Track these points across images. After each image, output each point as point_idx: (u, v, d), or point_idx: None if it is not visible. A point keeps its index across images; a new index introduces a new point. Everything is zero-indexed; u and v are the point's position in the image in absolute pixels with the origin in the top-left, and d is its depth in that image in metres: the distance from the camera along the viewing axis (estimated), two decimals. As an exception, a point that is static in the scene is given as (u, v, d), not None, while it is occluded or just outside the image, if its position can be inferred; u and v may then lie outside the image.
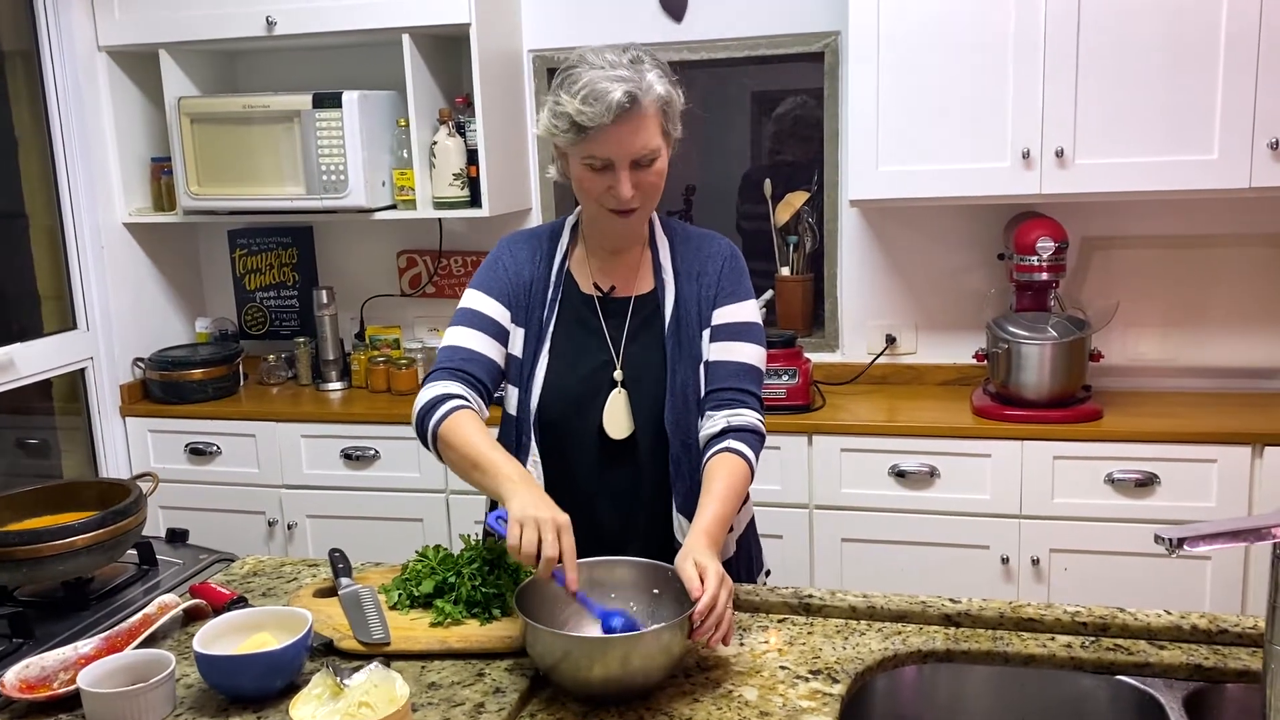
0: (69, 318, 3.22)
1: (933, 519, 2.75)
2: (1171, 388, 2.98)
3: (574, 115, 1.57)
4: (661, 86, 1.61)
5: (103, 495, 1.83)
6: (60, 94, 3.11)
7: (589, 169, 1.63)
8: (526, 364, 1.73)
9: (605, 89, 1.55)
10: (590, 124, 1.56)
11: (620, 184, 1.61)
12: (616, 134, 1.58)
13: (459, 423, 1.61)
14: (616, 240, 1.75)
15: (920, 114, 2.74)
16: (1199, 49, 2.56)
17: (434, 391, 1.66)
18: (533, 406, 1.71)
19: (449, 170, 3.08)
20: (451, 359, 1.71)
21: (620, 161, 1.60)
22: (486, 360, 1.71)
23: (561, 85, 1.61)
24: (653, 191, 1.66)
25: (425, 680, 1.45)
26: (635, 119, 1.58)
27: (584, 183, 1.66)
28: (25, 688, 1.42)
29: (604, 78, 1.56)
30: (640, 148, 1.60)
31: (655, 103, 1.60)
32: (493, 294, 1.75)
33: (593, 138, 1.58)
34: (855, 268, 3.18)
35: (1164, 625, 1.54)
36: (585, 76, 1.57)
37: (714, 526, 1.55)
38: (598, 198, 1.65)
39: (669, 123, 1.64)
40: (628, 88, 1.56)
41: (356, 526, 3.11)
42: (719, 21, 3.13)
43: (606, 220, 1.69)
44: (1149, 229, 2.96)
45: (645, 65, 1.61)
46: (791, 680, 1.45)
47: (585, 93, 1.56)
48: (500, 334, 1.74)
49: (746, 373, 1.73)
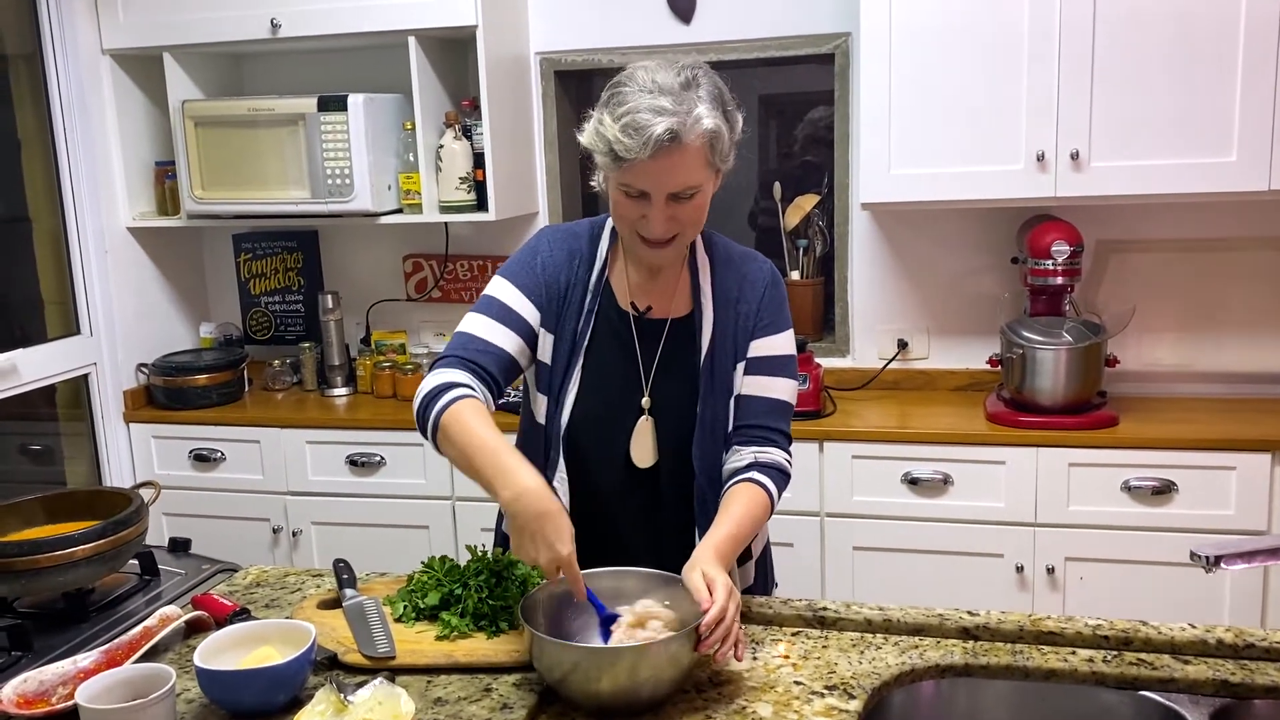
0: (72, 323, 3.19)
1: (946, 527, 2.71)
2: (1188, 393, 2.94)
3: (612, 143, 1.47)
4: (711, 120, 1.48)
5: (104, 504, 1.80)
6: (64, 97, 3.09)
7: (624, 194, 1.54)
8: (558, 376, 1.66)
9: (646, 122, 1.44)
10: (627, 156, 1.46)
11: (653, 218, 1.53)
12: (654, 169, 1.48)
13: (462, 412, 1.50)
14: (653, 263, 1.66)
15: (933, 116, 2.70)
16: (1217, 49, 2.52)
17: (439, 379, 1.56)
18: (563, 422, 1.65)
19: (455, 174, 3.05)
20: (465, 348, 1.61)
21: (656, 195, 1.51)
22: (503, 354, 1.62)
23: (607, 104, 1.51)
24: (690, 225, 1.57)
25: (431, 695, 1.42)
26: (675, 155, 1.47)
27: (619, 207, 1.57)
28: (23, 703, 1.39)
29: (648, 107, 1.45)
30: (678, 184, 1.50)
31: (701, 138, 1.48)
32: (525, 290, 1.66)
33: (629, 169, 1.49)
34: (866, 271, 3.14)
35: (1188, 639, 1.50)
36: (630, 101, 1.47)
37: (725, 544, 1.52)
38: (631, 224, 1.57)
39: (715, 156, 1.52)
40: (670, 123, 1.44)
41: (361, 533, 3.08)
42: (728, 23, 3.10)
43: (639, 247, 1.60)
44: (1165, 232, 2.92)
45: (699, 92, 1.49)
46: (807, 696, 1.41)
47: (626, 121, 1.46)
48: (526, 332, 1.65)
49: (778, 409, 1.68)
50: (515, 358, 1.64)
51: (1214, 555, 0.99)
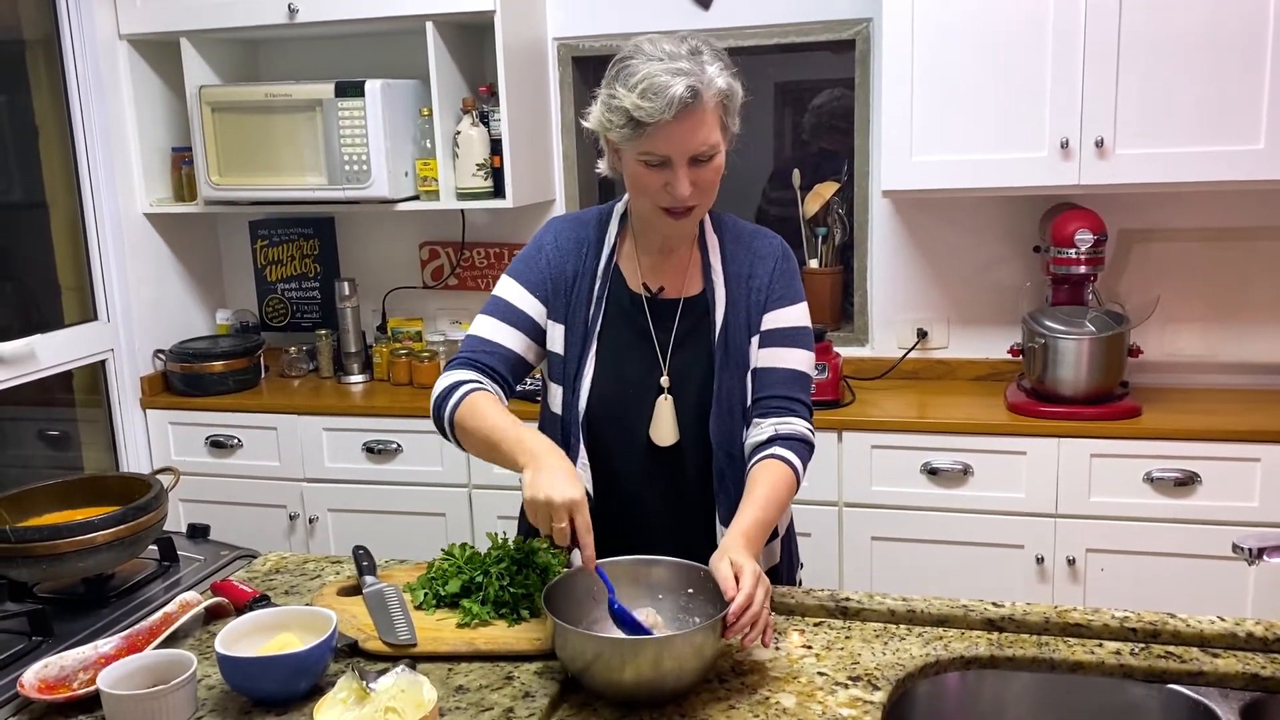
0: (89, 309, 3.19)
1: (966, 517, 2.69)
2: (1212, 384, 2.91)
3: (631, 110, 1.49)
4: (723, 80, 1.53)
5: (124, 490, 1.79)
6: (81, 83, 3.09)
7: (645, 165, 1.56)
8: (572, 364, 1.67)
9: (665, 83, 1.47)
10: (649, 120, 1.48)
11: (678, 181, 1.54)
12: (677, 130, 1.50)
13: (475, 403, 1.57)
14: (668, 239, 1.68)
15: (955, 102, 2.67)
16: (1245, 35, 2.48)
17: (450, 379, 1.63)
18: (580, 409, 1.66)
19: (472, 160, 3.03)
20: (473, 350, 1.67)
21: (679, 158, 1.53)
22: (509, 354, 1.67)
23: (617, 78, 1.53)
24: (709, 189, 1.60)
25: (452, 683, 1.41)
26: (696, 115, 1.50)
27: (639, 179, 1.58)
28: (44, 688, 1.39)
29: (663, 70, 1.48)
30: (700, 144, 1.53)
31: (716, 97, 1.52)
32: (529, 286, 1.69)
33: (651, 134, 1.51)
34: (886, 260, 3.12)
35: (1217, 632, 1.48)
36: (643, 69, 1.49)
37: (753, 530, 1.51)
38: (653, 195, 1.58)
39: (728, 117, 1.57)
40: (689, 82, 1.48)
41: (378, 520, 3.08)
42: (747, 9, 3.07)
43: (659, 220, 1.62)
44: (1190, 221, 2.89)
45: (705, 56, 1.53)
46: (830, 687, 1.40)
47: (644, 86, 1.48)
48: (531, 328, 1.69)
49: (796, 380, 1.68)
50: (522, 355, 1.69)
51: (1257, 548, 0.97)
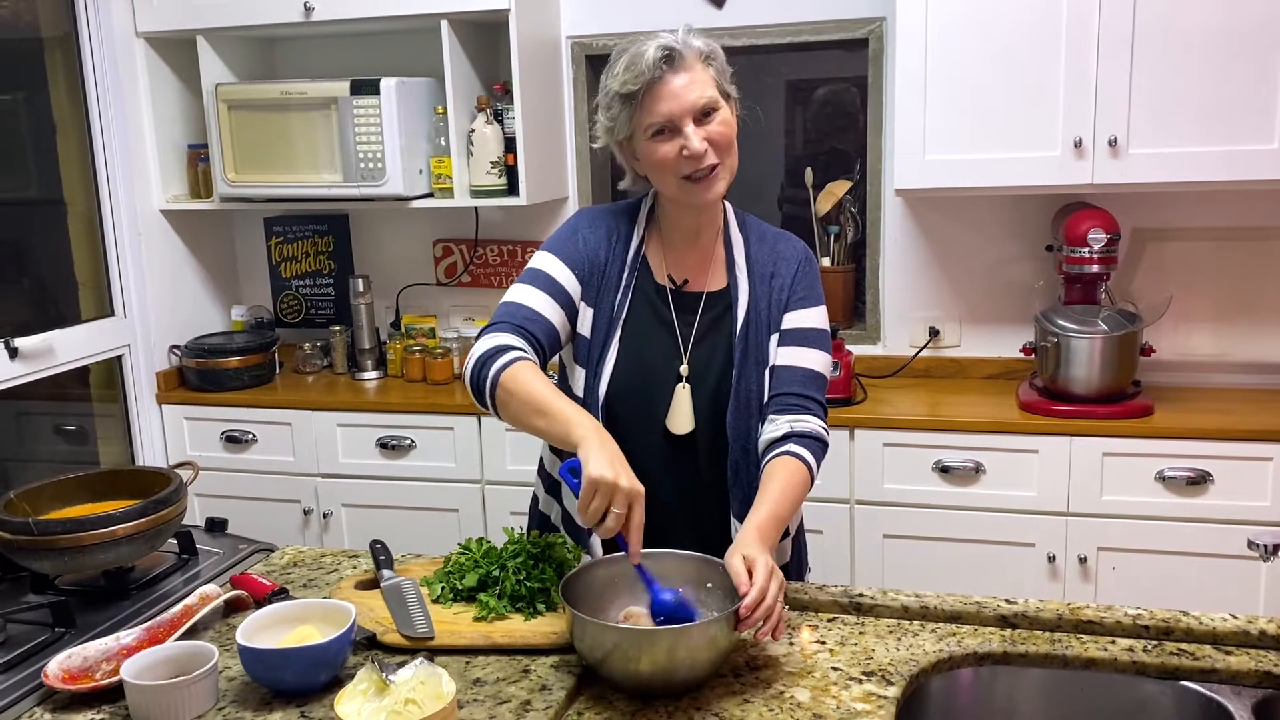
0: (106, 305, 3.22)
1: (977, 515, 2.70)
2: (1224, 383, 2.91)
3: (619, 89, 1.58)
4: (700, 41, 1.61)
5: (143, 484, 1.81)
6: (98, 81, 3.11)
7: (656, 140, 1.60)
8: (596, 348, 1.70)
9: (641, 50, 1.57)
10: (636, 85, 1.56)
11: (689, 139, 1.58)
12: (668, 89, 1.57)
13: (522, 370, 1.55)
14: (696, 219, 1.70)
15: (968, 101, 2.68)
16: (1258, 35, 2.48)
17: (494, 342, 1.60)
18: (601, 392, 1.68)
19: (486, 158, 3.05)
20: (513, 316, 1.64)
21: (681, 116, 1.58)
22: (547, 323, 1.65)
23: (605, 75, 1.63)
24: (725, 146, 1.62)
25: (470, 676, 1.43)
26: (681, 71, 1.57)
27: (655, 157, 1.61)
28: (68, 678, 1.41)
29: (639, 45, 1.59)
30: (697, 98, 1.58)
31: (696, 55, 1.60)
32: (568, 263, 1.70)
33: (645, 104, 1.58)
34: (898, 258, 3.12)
35: (1230, 630, 1.49)
36: (624, 55, 1.60)
37: (767, 525, 1.52)
38: (674, 166, 1.60)
39: (720, 78, 1.63)
40: (663, 42, 1.57)
41: (392, 516, 3.10)
42: (760, 8, 3.08)
43: (687, 194, 1.63)
44: (1203, 220, 2.89)
45: (680, 32, 1.62)
46: (845, 682, 1.41)
47: (624, 63, 1.58)
48: (567, 303, 1.69)
49: (812, 379, 1.69)
50: (558, 329, 1.68)
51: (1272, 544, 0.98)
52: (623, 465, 1.43)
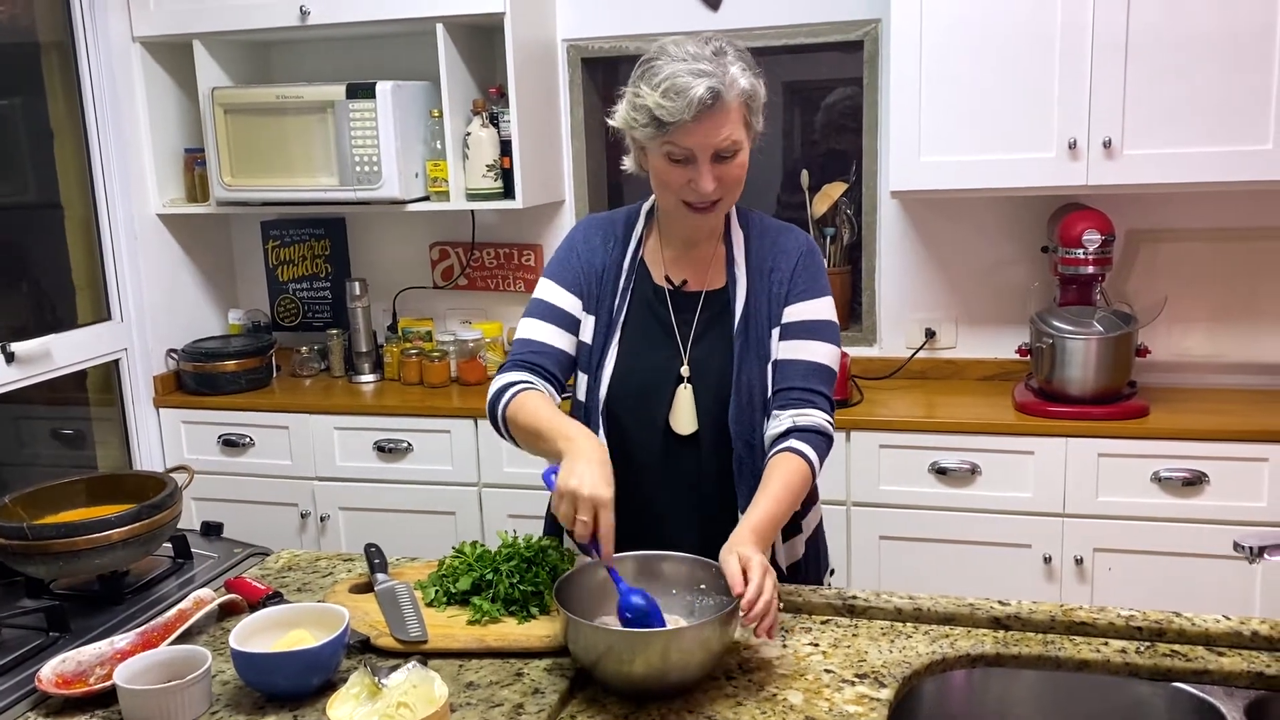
0: (103, 309, 3.22)
1: (973, 517, 2.70)
2: (1220, 384, 2.91)
3: (654, 109, 1.54)
4: (745, 80, 1.57)
5: (138, 488, 1.81)
6: (95, 85, 3.11)
7: (669, 161, 1.60)
8: (596, 352, 1.72)
9: (687, 84, 1.52)
10: (671, 119, 1.54)
11: (701, 177, 1.58)
12: (699, 129, 1.55)
13: (524, 399, 1.63)
14: (692, 233, 1.72)
15: (964, 103, 2.68)
16: (1253, 35, 2.49)
17: (502, 381, 1.68)
18: (601, 395, 1.70)
19: (482, 161, 3.05)
20: (523, 352, 1.72)
21: (702, 155, 1.58)
22: (557, 352, 1.72)
23: (642, 77, 1.58)
24: (734, 185, 1.63)
25: (463, 680, 1.43)
26: (718, 114, 1.54)
27: (663, 175, 1.62)
28: (61, 683, 1.41)
29: (686, 71, 1.53)
30: (722, 141, 1.57)
31: (739, 97, 1.56)
32: (565, 285, 1.75)
33: (673, 133, 1.56)
34: (894, 260, 3.13)
35: (1223, 631, 1.49)
36: (666, 69, 1.54)
37: (764, 524, 1.52)
38: (677, 191, 1.62)
39: (752, 116, 1.61)
40: (710, 83, 1.52)
41: (389, 519, 3.10)
42: (756, 10, 3.08)
43: (683, 215, 1.66)
44: (1198, 221, 2.89)
45: (728, 57, 1.57)
46: (837, 684, 1.41)
47: (666, 86, 1.53)
48: (572, 325, 1.73)
49: (816, 372, 1.69)
50: (568, 351, 1.74)
51: (1258, 546, 0.98)
52: (594, 474, 1.44)
